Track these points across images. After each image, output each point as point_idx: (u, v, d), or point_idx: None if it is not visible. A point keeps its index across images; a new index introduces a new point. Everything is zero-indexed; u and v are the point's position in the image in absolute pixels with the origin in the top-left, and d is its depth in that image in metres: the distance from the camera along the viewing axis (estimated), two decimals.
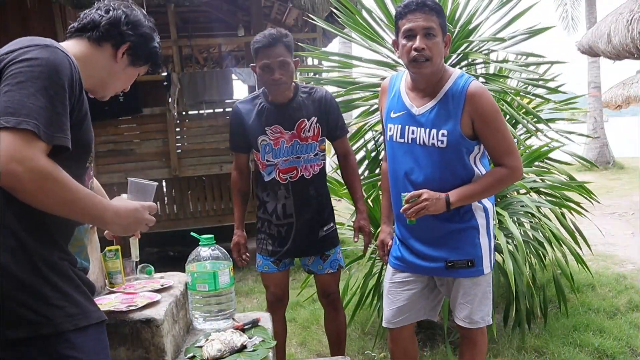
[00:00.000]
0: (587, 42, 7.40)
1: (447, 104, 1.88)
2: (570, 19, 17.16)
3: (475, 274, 1.97)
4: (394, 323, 2.12)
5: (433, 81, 1.91)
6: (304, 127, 2.34)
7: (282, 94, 2.31)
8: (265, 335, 1.92)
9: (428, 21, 1.82)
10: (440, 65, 1.90)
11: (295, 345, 3.27)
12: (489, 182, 1.91)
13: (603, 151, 12.46)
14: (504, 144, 1.90)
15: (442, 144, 1.87)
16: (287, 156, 2.34)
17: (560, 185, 3.15)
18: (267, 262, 2.47)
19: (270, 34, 2.24)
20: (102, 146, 5.05)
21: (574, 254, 3.10)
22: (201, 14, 8.79)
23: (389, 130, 2.01)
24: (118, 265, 1.93)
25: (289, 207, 2.38)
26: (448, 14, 3.00)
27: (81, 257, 1.33)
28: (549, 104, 3.70)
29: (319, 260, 2.45)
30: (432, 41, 1.83)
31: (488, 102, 1.88)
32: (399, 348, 2.19)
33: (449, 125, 1.86)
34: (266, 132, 2.34)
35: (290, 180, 2.37)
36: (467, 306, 2.00)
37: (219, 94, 5.39)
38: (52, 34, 4.86)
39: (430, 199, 1.84)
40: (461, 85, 1.89)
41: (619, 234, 5.82)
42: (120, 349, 1.63)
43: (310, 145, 2.36)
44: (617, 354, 2.86)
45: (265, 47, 2.22)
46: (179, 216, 5.34)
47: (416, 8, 1.82)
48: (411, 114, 1.94)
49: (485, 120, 1.87)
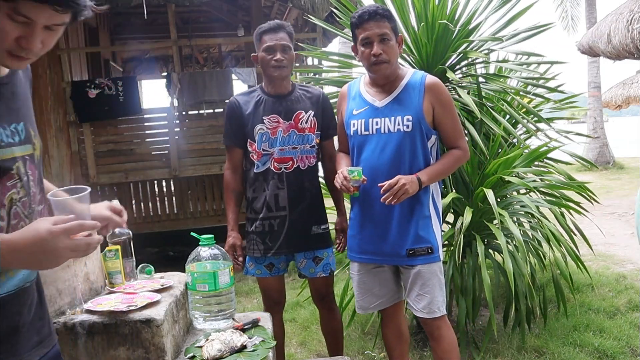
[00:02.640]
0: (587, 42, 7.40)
1: (408, 94, 2.10)
2: (570, 18, 17.15)
3: (433, 260, 2.12)
4: (371, 309, 2.27)
5: (391, 78, 2.13)
6: (301, 118, 2.36)
7: (281, 81, 2.35)
8: (265, 335, 1.92)
9: (381, 28, 2.04)
10: (396, 59, 2.12)
11: (295, 345, 3.27)
12: (449, 162, 2.14)
13: (603, 151, 12.46)
14: (459, 129, 2.17)
15: (407, 128, 2.07)
16: (283, 146, 2.35)
17: (560, 185, 3.15)
18: (259, 266, 2.43)
19: (275, 21, 2.36)
20: (102, 146, 5.06)
21: (572, 255, 3.09)
22: (201, 14, 8.80)
23: (353, 126, 2.17)
24: (118, 265, 1.93)
25: (282, 199, 2.35)
26: (448, 13, 3.00)
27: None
28: (548, 104, 3.71)
29: (312, 264, 2.42)
30: (387, 45, 2.06)
31: (445, 92, 2.13)
32: (392, 331, 2.30)
33: (412, 111, 2.08)
34: (264, 120, 2.35)
35: (285, 170, 2.35)
36: (425, 296, 2.11)
37: (219, 94, 5.39)
38: None
39: (407, 182, 1.97)
40: (419, 78, 2.12)
41: (619, 234, 5.82)
42: (120, 349, 1.64)
43: (307, 136, 2.37)
44: (617, 354, 2.86)
45: (270, 30, 2.32)
46: (179, 216, 5.34)
47: (369, 17, 2.05)
48: (374, 107, 2.14)
49: (445, 107, 2.11)
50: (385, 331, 2.33)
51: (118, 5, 4.66)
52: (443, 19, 2.93)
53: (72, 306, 1.71)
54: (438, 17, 2.93)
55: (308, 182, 2.39)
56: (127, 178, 5.10)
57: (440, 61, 3.09)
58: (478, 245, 2.76)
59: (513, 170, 2.93)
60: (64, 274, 1.70)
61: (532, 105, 3.62)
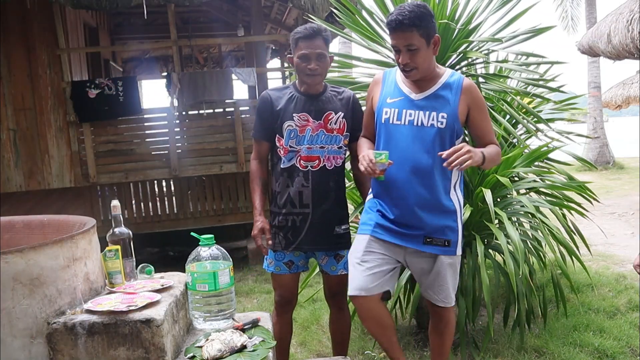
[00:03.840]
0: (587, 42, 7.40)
1: (445, 93, 2.14)
2: (570, 19, 17.16)
3: (450, 252, 2.18)
4: (369, 290, 2.17)
5: (426, 78, 2.16)
6: (331, 118, 2.37)
7: (314, 85, 2.36)
8: (266, 335, 1.92)
9: (407, 38, 2.04)
10: (429, 65, 2.14)
11: (295, 345, 3.27)
12: (496, 151, 2.17)
13: (603, 151, 12.46)
14: (492, 131, 2.24)
15: (442, 125, 2.11)
16: (311, 144, 2.35)
17: (560, 185, 3.15)
18: (279, 263, 2.44)
19: (311, 26, 2.33)
20: (102, 146, 5.05)
21: (572, 254, 3.09)
22: (201, 14, 8.80)
23: (385, 113, 2.19)
24: (118, 265, 1.93)
25: (306, 197, 2.36)
26: (448, 14, 3.01)
27: None
28: (548, 104, 3.71)
29: (333, 261, 2.43)
30: (415, 54, 2.06)
31: (481, 95, 2.20)
32: (373, 317, 2.24)
33: (448, 109, 2.12)
34: (294, 118, 2.36)
35: (312, 169, 2.37)
36: (446, 287, 2.22)
37: (218, 94, 5.39)
38: (52, 34, 4.87)
39: (472, 151, 1.98)
40: (456, 79, 2.16)
41: (619, 234, 5.83)
42: (120, 349, 1.64)
43: (335, 137, 2.38)
44: (617, 354, 2.86)
45: (306, 38, 2.30)
46: (179, 216, 5.34)
47: (396, 27, 2.04)
48: (410, 99, 2.16)
49: (481, 110, 2.18)
50: (364, 315, 2.27)
51: (118, 6, 4.65)
52: (443, 19, 2.93)
53: (72, 306, 1.71)
54: (438, 17, 2.93)
55: (333, 182, 2.41)
56: (127, 178, 5.10)
57: (440, 61, 3.09)
58: (478, 245, 2.76)
59: (513, 170, 2.93)
60: (64, 274, 1.70)
61: (532, 105, 3.63)
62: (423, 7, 2.05)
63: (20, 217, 2.21)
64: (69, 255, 1.71)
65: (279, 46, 9.34)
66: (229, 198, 5.37)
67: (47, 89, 4.93)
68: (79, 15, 6.51)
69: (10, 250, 1.59)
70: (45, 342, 1.63)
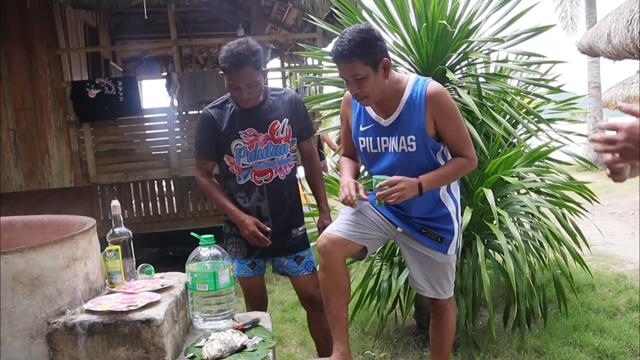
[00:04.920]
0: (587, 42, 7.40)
1: (410, 110, 2.02)
2: (570, 19, 17.15)
3: (440, 249, 2.16)
4: (346, 234, 2.11)
5: (388, 98, 2.04)
6: (277, 128, 2.34)
7: (251, 104, 2.31)
8: (265, 335, 1.92)
9: (351, 69, 1.92)
10: (383, 89, 2.00)
11: (295, 345, 3.27)
12: (452, 169, 2.08)
13: None
14: (464, 138, 2.07)
15: (412, 149, 2.03)
16: (262, 158, 2.35)
17: (560, 185, 3.15)
18: (242, 266, 2.44)
19: (237, 52, 2.16)
20: (102, 146, 5.05)
21: (574, 254, 3.09)
22: (201, 14, 8.81)
23: (361, 142, 2.15)
24: (118, 265, 1.93)
25: (264, 210, 2.37)
26: (448, 14, 3.00)
27: None
28: (549, 104, 3.70)
29: (294, 263, 2.44)
30: (363, 83, 1.94)
31: (447, 101, 2.02)
32: (333, 272, 2.13)
33: (415, 129, 2.01)
34: (240, 136, 2.32)
35: (265, 182, 2.36)
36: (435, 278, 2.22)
37: (218, 94, 5.28)
38: (52, 34, 4.87)
39: (406, 187, 1.97)
40: (419, 90, 2.02)
41: (619, 234, 5.82)
42: (120, 349, 1.64)
43: (283, 146, 2.37)
44: (617, 354, 2.86)
45: (233, 69, 2.18)
46: (179, 216, 5.34)
47: (336, 58, 1.94)
48: (380, 126, 2.08)
49: (446, 118, 2.01)
50: (323, 278, 2.16)
51: (118, 5, 4.66)
52: (443, 19, 2.93)
53: (72, 306, 1.71)
54: (438, 17, 2.93)
55: (287, 191, 2.42)
56: (127, 178, 5.10)
57: (440, 61, 3.09)
58: (478, 245, 2.77)
59: (513, 170, 2.93)
60: (64, 274, 1.70)
61: (533, 106, 3.62)
62: (365, 32, 1.92)
63: (20, 217, 2.21)
64: (69, 255, 1.71)
65: (278, 46, 9.34)
66: None
67: (47, 89, 4.93)
68: (79, 15, 6.51)
69: (10, 250, 1.59)
70: (45, 342, 1.63)
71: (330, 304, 2.17)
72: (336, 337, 2.17)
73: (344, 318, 2.18)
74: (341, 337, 2.16)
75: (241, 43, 2.20)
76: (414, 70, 3.25)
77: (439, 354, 2.37)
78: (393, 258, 3.16)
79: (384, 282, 3.15)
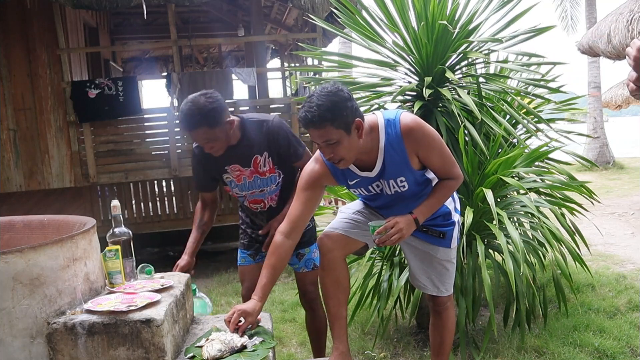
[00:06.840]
0: (587, 42, 7.41)
1: (391, 156, 1.97)
2: (570, 19, 17.16)
3: (442, 244, 2.18)
4: (345, 230, 2.16)
5: (365, 152, 1.97)
6: (259, 162, 2.35)
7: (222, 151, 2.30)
8: (265, 335, 1.92)
9: (322, 135, 1.84)
10: (358, 149, 1.92)
11: (295, 345, 3.27)
12: (442, 193, 2.06)
13: (603, 151, 12.45)
14: (449, 162, 2.02)
15: (404, 188, 2.05)
16: (252, 189, 2.40)
17: (560, 185, 3.15)
18: (244, 254, 2.55)
19: (188, 114, 2.12)
20: (102, 146, 5.05)
21: (574, 254, 3.09)
22: (201, 14, 8.81)
23: (354, 192, 2.17)
24: (118, 265, 1.93)
25: (263, 222, 2.49)
26: (448, 14, 3.00)
27: None
28: (549, 104, 3.70)
29: (295, 259, 2.48)
30: (336, 147, 1.86)
31: (424, 132, 1.95)
32: (333, 270, 2.13)
33: (403, 171, 2.00)
34: (227, 170, 2.39)
35: (261, 209, 2.46)
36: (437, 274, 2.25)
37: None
38: (52, 34, 4.87)
39: (404, 226, 1.96)
40: (393, 132, 1.95)
41: (619, 234, 5.82)
42: (120, 349, 1.64)
43: (270, 178, 2.39)
44: (617, 354, 2.86)
45: (186, 130, 2.26)
46: (179, 216, 5.34)
47: (308, 125, 1.85)
48: (368, 178, 2.06)
49: (428, 149, 1.97)
50: (323, 277, 2.16)
51: (118, 5, 4.66)
52: (443, 19, 2.93)
53: (72, 306, 1.71)
54: (438, 17, 2.93)
55: (283, 204, 2.44)
56: (127, 178, 5.10)
57: (440, 61, 3.09)
58: (478, 245, 2.77)
59: (513, 170, 2.93)
60: (64, 274, 1.70)
61: (533, 106, 3.62)
62: (334, 95, 1.82)
63: (20, 217, 2.21)
64: (69, 255, 1.72)
65: (278, 46, 9.34)
66: (228, 198, 5.37)
67: (47, 89, 4.93)
68: (79, 15, 6.51)
69: (10, 250, 1.59)
70: (45, 342, 1.63)
71: (330, 303, 2.16)
72: (335, 336, 2.16)
73: (343, 317, 2.18)
74: (340, 336, 2.16)
75: (194, 102, 2.13)
76: (414, 70, 3.25)
77: (439, 354, 2.38)
78: (393, 258, 3.16)
79: (384, 282, 3.15)
